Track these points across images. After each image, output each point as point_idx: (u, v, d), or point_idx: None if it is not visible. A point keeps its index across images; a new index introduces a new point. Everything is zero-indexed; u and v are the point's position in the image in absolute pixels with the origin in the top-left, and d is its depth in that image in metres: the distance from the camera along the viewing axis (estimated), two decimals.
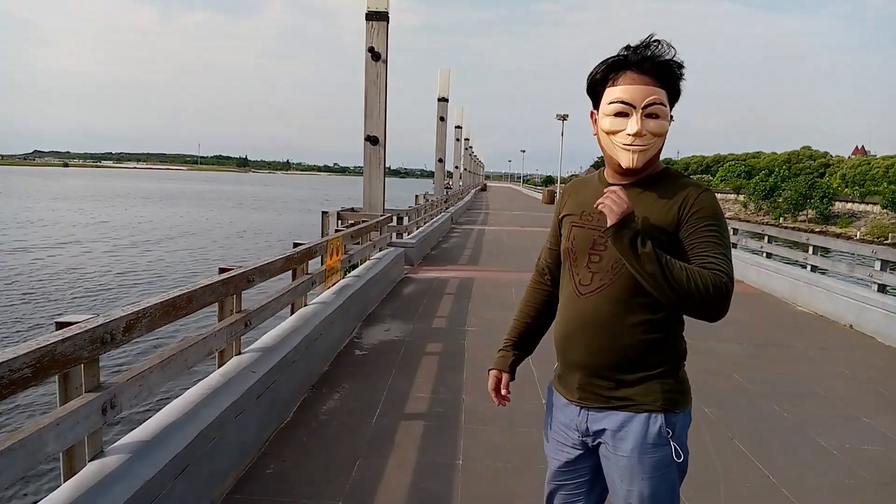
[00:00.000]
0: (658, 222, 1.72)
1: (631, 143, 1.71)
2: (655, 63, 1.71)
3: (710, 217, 1.69)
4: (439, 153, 23.13)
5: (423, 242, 13.07)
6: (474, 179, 63.70)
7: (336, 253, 6.67)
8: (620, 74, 1.74)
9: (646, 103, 1.70)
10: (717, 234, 1.68)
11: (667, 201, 1.73)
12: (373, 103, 10.40)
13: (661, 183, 1.78)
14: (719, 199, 6.02)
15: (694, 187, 1.74)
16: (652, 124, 1.71)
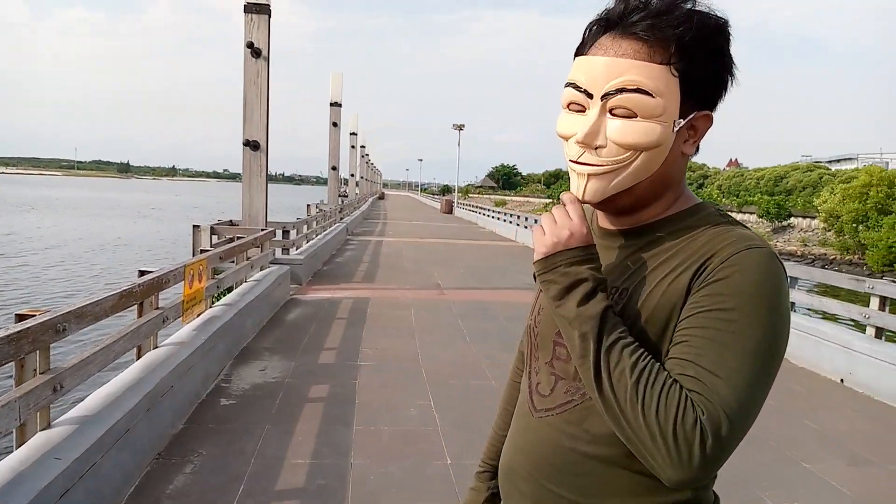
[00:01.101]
0: (657, 296, 0.95)
1: (578, 157, 0.98)
2: (649, 16, 0.93)
3: (734, 296, 0.86)
4: (333, 160, 22.00)
5: (314, 257, 11.98)
6: (371, 188, 62.58)
7: (199, 279, 5.57)
8: (594, 39, 0.99)
9: (609, 88, 0.94)
10: (733, 331, 0.85)
11: (681, 261, 0.95)
12: (252, 104, 9.28)
13: (682, 232, 1.00)
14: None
15: (735, 241, 0.92)
16: (618, 127, 0.94)
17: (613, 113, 0.94)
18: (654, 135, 0.93)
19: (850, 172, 44.13)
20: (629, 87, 0.92)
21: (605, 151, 0.95)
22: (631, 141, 0.93)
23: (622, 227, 1.06)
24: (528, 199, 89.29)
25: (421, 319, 8.12)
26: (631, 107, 0.93)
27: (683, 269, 0.93)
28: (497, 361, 6.32)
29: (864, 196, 29.94)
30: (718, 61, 0.95)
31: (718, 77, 0.96)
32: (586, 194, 0.98)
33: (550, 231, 0.97)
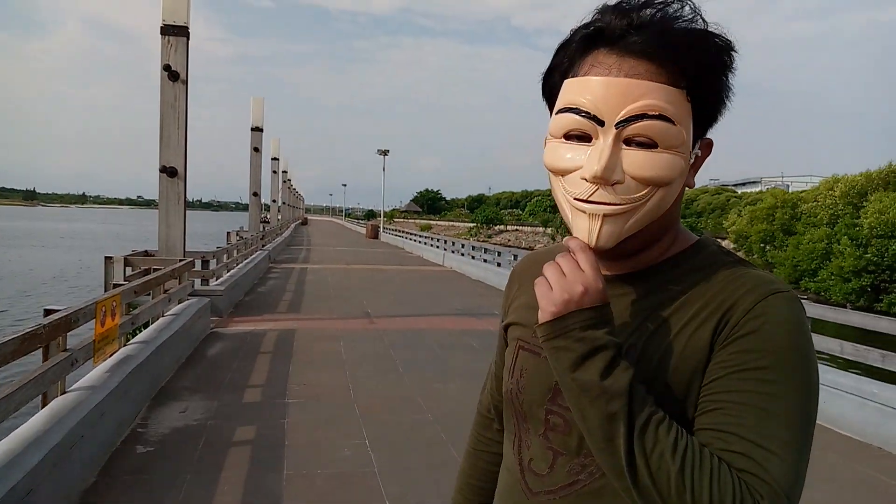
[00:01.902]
0: (674, 353, 0.82)
1: (588, 195, 0.83)
2: (658, 32, 0.80)
3: (767, 352, 0.77)
4: (254, 186, 21.45)
5: (235, 288, 11.51)
6: (294, 213, 61.53)
7: (112, 315, 5.18)
8: (588, 56, 0.85)
9: (626, 114, 0.80)
10: (774, 394, 0.76)
11: (695, 312, 0.83)
12: (170, 129, 8.87)
13: (688, 275, 0.88)
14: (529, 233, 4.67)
15: (755, 286, 0.82)
16: (638, 159, 0.81)
17: (630, 143, 0.81)
18: (677, 167, 0.82)
19: (755, 195, 46.62)
20: (651, 112, 0.79)
21: (623, 188, 0.81)
22: (652, 175, 0.81)
23: (620, 271, 0.93)
24: (452, 223, 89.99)
25: (351, 351, 7.88)
26: (653, 135, 0.80)
27: (701, 321, 0.82)
28: (433, 393, 6.15)
29: (770, 217, 31.60)
30: (726, 84, 0.86)
31: (723, 101, 0.87)
32: (601, 239, 0.83)
33: (560, 286, 0.80)
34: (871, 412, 5.27)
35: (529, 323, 0.99)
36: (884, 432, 5.15)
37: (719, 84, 0.85)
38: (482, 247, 20.50)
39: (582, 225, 0.84)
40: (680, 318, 0.84)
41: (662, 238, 0.91)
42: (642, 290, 0.90)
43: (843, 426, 5.46)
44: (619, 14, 0.83)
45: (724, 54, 0.83)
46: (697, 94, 0.83)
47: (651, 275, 0.90)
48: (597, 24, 0.84)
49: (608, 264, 0.93)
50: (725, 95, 0.86)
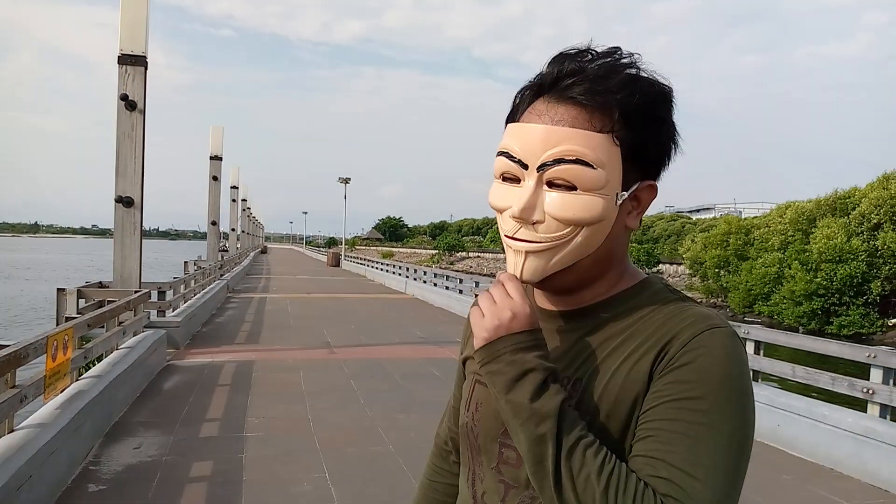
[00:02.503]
0: (616, 386, 0.85)
1: (514, 233, 0.89)
2: (587, 81, 0.84)
3: (701, 382, 0.79)
4: (213, 214, 21.20)
5: (192, 319, 11.30)
6: (253, 241, 60.81)
7: (64, 350, 5.04)
8: (529, 104, 0.90)
9: (544, 159, 0.84)
10: (705, 423, 0.78)
11: (637, 345, 0.86)
12: (126, 159, 8.75)
13: (632, 312, 0.90)
14: (490, 259, 4.71)
15: (694, 321, 0.84)
16: (557, 201, 0.85)
17: (551, 185, 0.85)
18: (596, 209, 0.85)
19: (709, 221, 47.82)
20: (568, 157, 0.83)
21: (544, 227, 0.86)
22: (570, 216, 0.84)
23: (565, 307, 0.95)
24: (414, 250, 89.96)
25: (311, 382, 7.78)
26: (570, 179, 0.84)
27: (641, 354, 0.85)
28: (395, 424, 6.11)
29: (724, 243, 32.40)
30: (662, 129, 0.89)
31: (662, 146, 0.90)
32: (524, 273, 0.88)
33: (490, 313, 0.85)
34: (823, 434, 5.41)
35: None
36: (836, 454, 5.29)
37: (652, 129, 0.87)
38: (444, 274, 20.58)
39: (511, 259, 0.90)
40: (621, 353, 0.87)
41: (605, 275, 0.93)
42: (588, 326, 0.92)
43: (797, 448, 5.59)
44: (554, 63, 0.87)
45: (656, 99, 0.87)
46: (628, 139, 0.85)
47: (595, 311, 0.93)
48: (536, 75, 0.90)
49: (554, 300, 0.97)
50: (665, 140, 0.89)
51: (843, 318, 24.23)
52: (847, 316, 24.21)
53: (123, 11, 8.69)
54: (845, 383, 5.57)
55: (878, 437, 5.00)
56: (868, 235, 24.58)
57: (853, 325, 23.95)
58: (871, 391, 5.27)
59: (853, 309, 24.20)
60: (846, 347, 5.94)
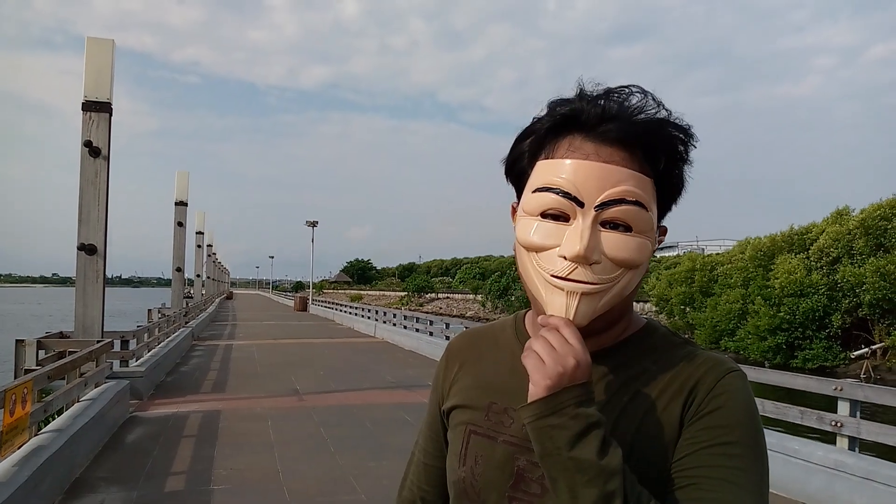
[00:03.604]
0: (647, 430, 0.86)
1: (567, 273, 0.84)
2: (630, 122, 0.86)
3: (733, 428, 0.82)
4: (177, 261, 20.84)
5: (157, 368, 11.01)
6: (219, 287, 59.91)
7: (22, 404, 4.86)
8: (561, 140, 0.88)
9: (605, 198, 0.83)
10: (743, 469, 0.81)
11: (661, 390, 0.88)
12: (90, 206, 8.61)
13: (647, 355, 0.93)
14: (460, 300, 4.75)
15: (712, 365, 0.88)
16: (614, 242, 0.84)
17: (606, 225, 0.84)
18: (648, 251, 0.87)
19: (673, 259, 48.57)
20: (629, 198, 0.83)
21: (600, 268, 0.84)
22: (627, 257, 0.85)
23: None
24: (383, 292, 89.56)
25: (280, 431, 7.61)
26: (628, 220, 0.84)
27: (669, 399, 0.87)
28: (367, 472, 5.98)
29: (689, 280, 32.90)
30: (685, 173, 0.91)
31: (680, 191, 0.92)
32: (578, 316, 0.84)
33: (553, 359, 0.79)
34: (795, 469, 5.45)
35: (479, 405, 0.98)
36: (808, 488, 5.31)
37: (680, 174, 0.90)
38: (414, 316, 20.45)
39: (559, 301, 0.85)
40: (647, 396, 0.88)
41: (624, 318, 0.94)
42: (606, 369, 0.92)
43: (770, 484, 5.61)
44: (592, 103, 0.87)
45: (685, 145, 0.89)
46: (662, 184, 0.88)
47: (613, 354, 0.93)
48: (566, 112, 0.88)
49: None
50: (683, 187, 0.92)
51: (807, 352, 24.64)
52: (811, 349, 24.63)
53: (88, 58, 8.65)
54: (814, 417, 5.64)
55: (849, 470, 5.05)
56: (827, 269, 25.23)
57: (817, 358, 24.35)
58: (839, 424, 5.34)
59: (816, 342, 24.64)
60: (813, 381, 6.04)
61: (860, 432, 5.23)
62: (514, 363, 0.97)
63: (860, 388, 5.40)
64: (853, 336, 24.94)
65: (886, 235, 23.47)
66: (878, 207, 24.28)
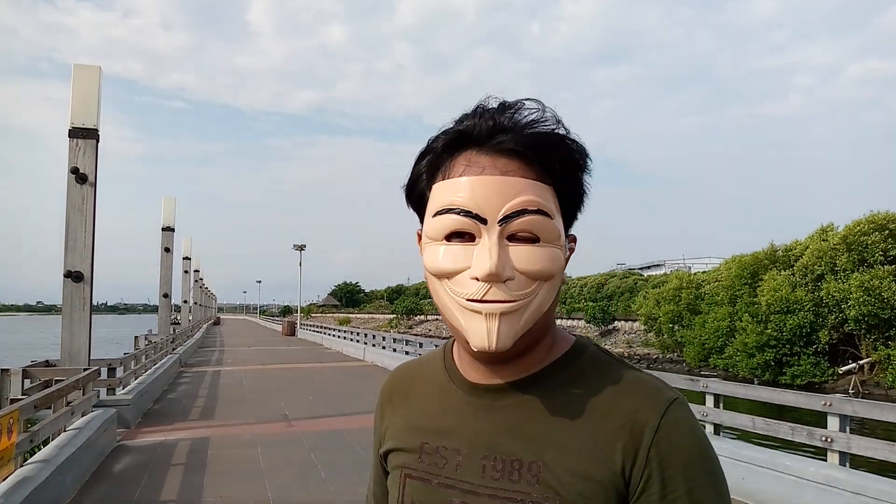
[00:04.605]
0: (582, 472, 0.80)
1: (482, 295, 0.80)
2: (525, 134, 0.83)
3: (694, 478, 0.78)
4: (165, 287, 20.68)
5: (144, 396, 10.89)
6: (206, 313, 59.45)
7: (8, 434, 4.79)
8: (457, 157, 0.85)
9: (507, 211, 0.80)
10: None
11: (596, 422, 0.83)
12: (76, 232, 8.56)
13: (576, 379, 0.87)
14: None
15: (650, 397, 0.83)
16: (524, 254, 0.81)
17: (512, 238, 0.81)
18: (559, 260, 0.83)
19: (660, 277, 48.88)
20: (530, 207, 0.80)
21: (514, 284, 0.80)
22: (539, 268, 0.81)
23: (508, 378, 0.88)
24: (372, 315, 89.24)
25: (269, 457, 7.52)
26: (534, 230, 0.81)
27: (606, 437, 0.81)
28: (358, 498, 5.92)
29: (676, 298, 33.08)
30: (584, 182, 0.89)
31: (582, 199, 0.90)
32: (500, 339, 0.78)
33: None
34: (787, 485, 5.46)
35: (412, 447, 0.93)
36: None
37: (581, 182, 0.88)
38: (403, 338, 20.40)
39: (478, 326, 0.80)
40: (581, 428, 0.83)
41: (545, 337, 0.89)
42: (535, 397, 0.87)
43: (762, 501, 5.61)
44: (483, 117, 0.84)
45: (581, 155, 0.87)
46: (562, 192, 0.85)
47: (541, 380, 0.88)
48: (461, 128, 0.85)
49: (493, 371, 0.89)
50: (584, 194, 0.90)
51: (796, 368, 24.77)
52: (799, 366, 24.77)
53: (75, 85, 8.66)
54: (804, 433, 5.67)
55: (840, 485, 5.07)
56: (812, 286, 25.45)
57: (805, 374, 24.49)
58: (829, 439, 5.37)
59: (804, 358, 24.79)
60: (802, 397, 6.07)
61: (850, 447, 5.26)
62: (443, 399, 0.93)
63: (849, 403, 5.44)
64: (840, 351, 25.13)
65: (868, 251, 23.76)
66: (859, 224, 24.61)
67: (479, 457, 0.86)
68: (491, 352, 0.79)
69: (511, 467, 0.83)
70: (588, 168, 0.88)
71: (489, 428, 0.87)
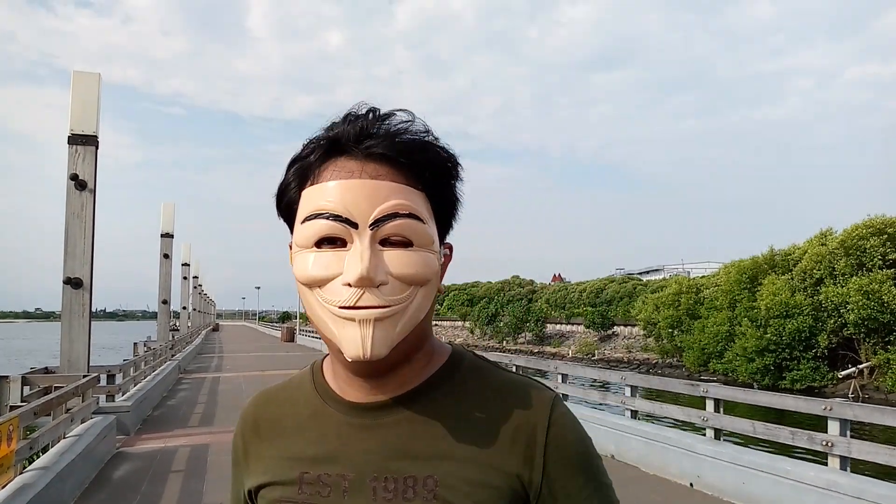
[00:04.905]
0: (479, 482, 0.80)
1: (355, 301, 0.77)
2: (395, 140, 0.82)
3: (584, 473, 0.83)
4: (164, 293, 20.66)
5: (143, 402, 10.87)
6: (205, 319, 59.41)
7: (8, 441, 4.78)
8: (326, 164, 0.83)
9: (378, 214, 0.78)
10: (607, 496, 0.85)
11: (484, 434, 0.83)
12: (76, 239, 8.57)
13: (459, 388, 0.87)
14: (448, 327, 4.80)
15: (535, 399, 0.85)
16: (397, 258, 0.79)
17: (385, 243, 0.79)
18: (434, 264, 0.81)
19: (659, 282, 48.88)
20: (402, 211, 0.78)
21: (388, 289, 0.77)
22: (413, 273, 0.78)
23: (389, 394, 0.85)
24: None
25: None
26: (406, 234, 0.79)
27: (499, 443, 0.82)
28: None
29: (676, 303, 33.07)
30: (456, 190, 0.88)
31: (456, 209, 0.89)
32: (375, 346, 0.76)
33: None
34: (787, 489, 5.46)
35: (289, 478, 0.85)
36: None
37: (453, 188, 0.87)
38: None
39: (352, 334, 0.76)
40: (472, 438, 0.82)
41: (423, 347, 0.87)
42: (421, 411, 0.85)
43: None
44: (351, 123, 0.83)
45: (452, 163, 0.86)
46: (434, 198, 0.84)
47: (425, 393, 0.86)
48: (330, 135, 0.83)
49: (378, 385, 0.85)
50: (458, 201, 0.89)
51: (795, 373, 24.76)
52: (798, 370, 24.76)
53: (75, 91, 8.68)
54: (805, 437, 5.67)
55: (841, 490, 5.07)
56: (811, 290, 25.46)
57: (805, 378, 24.48)
58: (830, 444, 5.37)
59: (804, 363, 24.78)
60: (802, 401, 6.08)
61: (851, 451, 5.26)
62: (319, 423, 0.88)
63: (849, 407, 5.44)
64: (840, 356, 25.12)
65: (867, 255, 23.79)
66: (857, 228, 24.64)
67: (368, 479, 0.81)
68: (367, 360, 0.76)
69: (405, 485, 0.80)
70: (460, 176, 0.87)
71: (376, 448, 0.83)
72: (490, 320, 55.85)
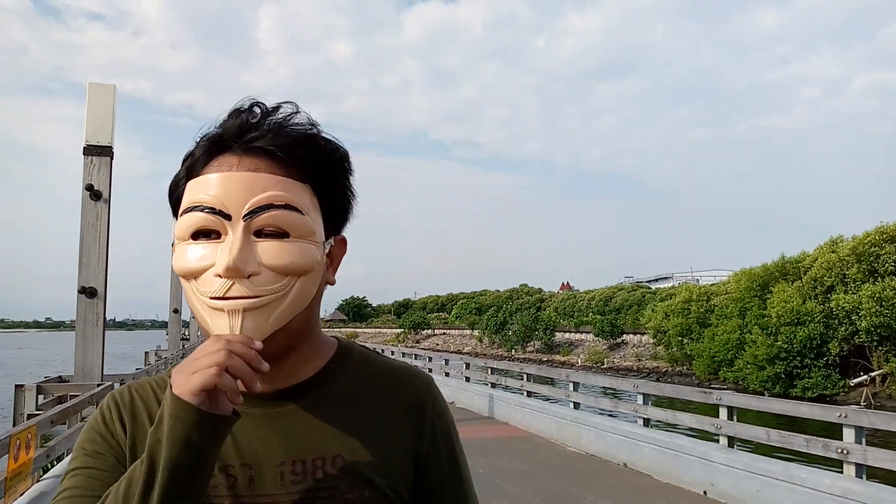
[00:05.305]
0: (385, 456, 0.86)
1: (225, 292, 0.77)
2: (276, 133, 0.83)
3: (454, 439, 0.97)
4: (175, 302, 20.83)
5: None
6: None
7: (26, 449, 4.83)
8: (211, 159, 0.84)
9: (252, 205, 0.78)
10: (467, 473, 0.98)
11: (381, 414, 0.90)
12: (90, 249, 8.66)
13: (355, 376, 0.92)
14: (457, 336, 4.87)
15: (417, 375, 0.97)
16: (271, 249, 0.79)
17: (260, 234, 0.79)
18: (313, 255, 0.81)
19: (668, 290, 48.75)
20: (277, 202, 0.79)
21: (260, 280, 0.77)
22: (288, 263, 0.79)
23: (281, 385, 0.86)
24: (379, 329, 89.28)
25: None
26: (282, 225, 0.79)
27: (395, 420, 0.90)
28: None
29: (685, 311, 32.96)
30: (347, 184, 0.89)
31: (347, 201, 0.90)
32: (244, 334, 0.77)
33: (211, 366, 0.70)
34: (802, 497, 5.43)
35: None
36: None
37: (341, 182, 0.88)
38: (412, 353, 20.40)
39: (221, 324, 0.77)
40: (370, 419, 0.89)
41: (309, 338, 0.89)
42: (320, 398, 0.88)
43: None
44: (234, 117, 0.84)
45: (339, 155, 0.87)
46: (322, 190, 0.85)
47: (323, 380, 0.89)
48: (215, 129, 0.85)
49: (267, 375, 0.79)
50: (349, 195, 0.90)
51: (807, 381, 24.59)
52: (810, 378, 24.59)
53: (90, 103, 8.80)
54: (819, 444, 5.64)
55: (857, 498, 5.04)
56: (822, 298, 25.32)
57: (816, 386, 24.30)
58: (845, 451, 5.34)
59: (815, 371, 24.62)
60: (817, 408, 6.05)
61: (867, 459, 5.23)
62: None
63: (865, 414, 5.42)
64: (851, 363, 24.94)
65: (879, 262, 23.65)
66: (868, 235, 24.52)
67: (275, 465, 0.83)
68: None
69: (313, 466, 0.83)
70: (349, 169, 0.89)
71: (278, 436, 0.84)
72: (498, 329, 55.76)
